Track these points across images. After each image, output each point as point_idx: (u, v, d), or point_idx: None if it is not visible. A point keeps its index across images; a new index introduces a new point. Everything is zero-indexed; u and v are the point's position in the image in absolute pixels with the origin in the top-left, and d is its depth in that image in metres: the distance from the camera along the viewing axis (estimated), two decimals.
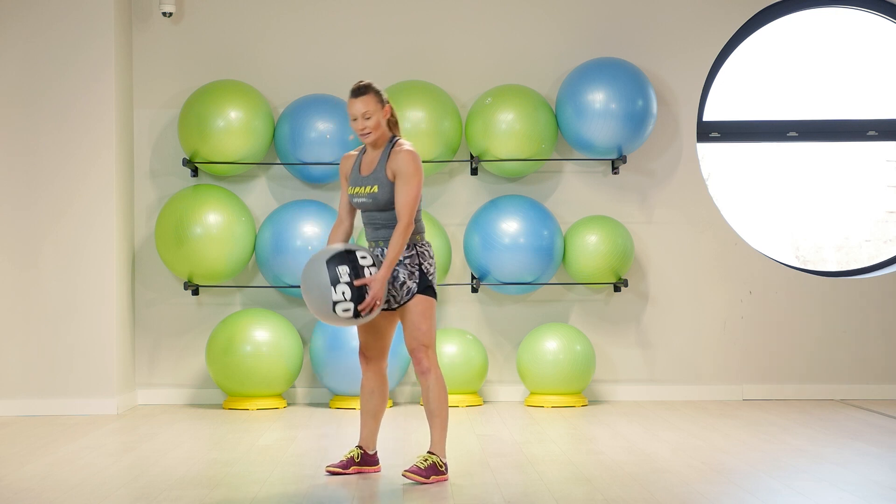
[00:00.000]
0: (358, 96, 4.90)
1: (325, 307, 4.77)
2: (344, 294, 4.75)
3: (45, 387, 7.06)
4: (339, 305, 4.76)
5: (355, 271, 4.77)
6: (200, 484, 4.85)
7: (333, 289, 4.74)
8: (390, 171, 4.90)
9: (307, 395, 7.57)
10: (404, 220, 4.85)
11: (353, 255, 4.81)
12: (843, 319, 7.73)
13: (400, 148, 4.92)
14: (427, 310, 4.92)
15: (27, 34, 7.08)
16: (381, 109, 4.92)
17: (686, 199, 7.70)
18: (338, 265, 4.77)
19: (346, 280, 4.75)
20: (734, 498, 4.58)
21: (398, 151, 4.91)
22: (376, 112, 4.90)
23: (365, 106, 4.89)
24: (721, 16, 7.72)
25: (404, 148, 4.92)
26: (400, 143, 4.95)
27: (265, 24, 7.63)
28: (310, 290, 4.81)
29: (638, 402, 7.55)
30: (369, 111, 4.89)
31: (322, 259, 4.80)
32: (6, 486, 4.83)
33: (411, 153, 4.90)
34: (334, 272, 4.75)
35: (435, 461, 4.88)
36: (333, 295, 4.74)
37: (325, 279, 4.75)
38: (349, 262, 4.78)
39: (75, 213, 7.10)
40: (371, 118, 4.89)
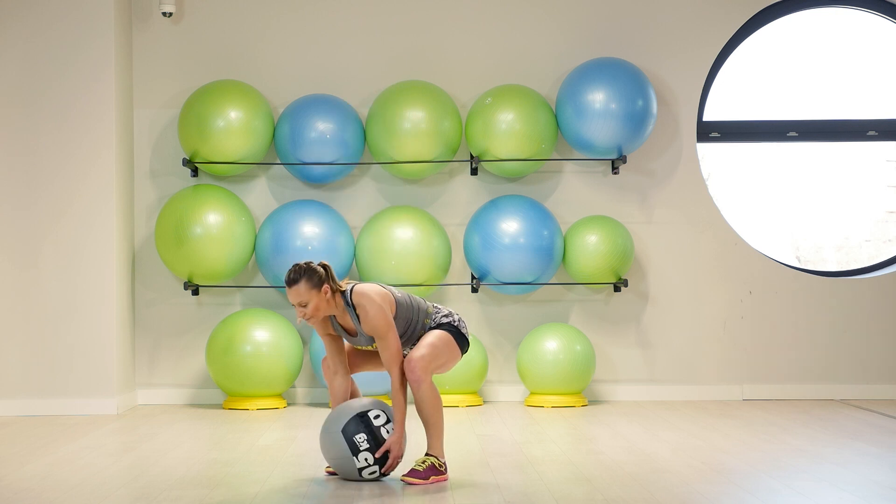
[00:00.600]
0: (290, 287, 4.74)
1: (351, 474, 4.84)
2: (367, 460, 4.81)
3: (45, 387, 7.06)
4: (365, 471, 4.83)
5: (372, 435, 4.81)
6: (200, 484, 4.85)
7: (356, 458, 4.80)
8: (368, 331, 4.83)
9: (307, 395, 7.57)
10: (395, 375, 4.81)
11: (367, 417, 4.83)
12: (843, 319, 7.74)
13: (360, 303, 4.77)
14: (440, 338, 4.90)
15: (27, 34, 7.08)
16: (318, 293, 4.74)
17: (686, 199, 7.70)
18: (354, 434, 4.80)
19: (366, 447, 4.79)
20: (734, 498, 4.58)
21: (365, 314, 4.77)
22: (312, 298, 4.73)
23: (297, 297, 4.73)
24: (721, 16, 7.72)
25: (363, 302, 4.77)
26: (356, 297, 4.79)
27: (265, 24, 7.63)
28: (332, 459, 4.87)
29: (638, 402, 7.55)
30: (303, 300, 4.73)
31: (337, 429, 4.82)
32: (6, 486, 4.83)
33: (371, 303, 4.75)
34: (352, 442, 4.80)
35: (433, 462, 4.88)
36: (357, 463, 4.81)
37: (345, 450, 4.80)
38: (364, 426, 4.81)
39: (75, 213, 7.10)
40: (308, 305, 4.74)
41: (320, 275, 4.76)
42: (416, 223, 7.27)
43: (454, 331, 4.96)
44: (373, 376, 6.84)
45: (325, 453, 4.89)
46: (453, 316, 5.00)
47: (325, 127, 7.25)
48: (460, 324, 4.99)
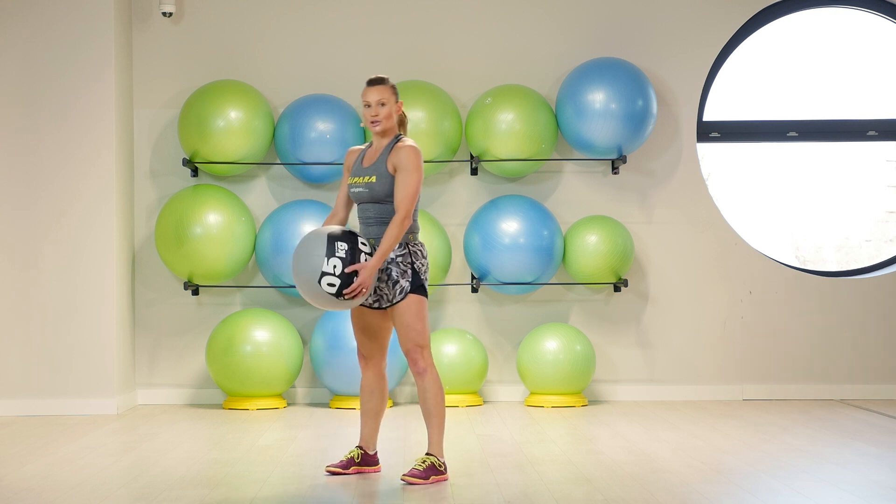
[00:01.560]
0: (375, 85, 5.01)
1: (313, 276, 4.76)
2: (335, 268, 4.75)
3: (45, 387, 7.06)
4: (326, 278, 4.75)
5: (352, 253, 4.79)
6: (200, 484, 4.85)
7: (326, 259, 4.75)
8: (391, 165, 4.94)
9: (307, 395, 7.57)
10: (401, 212, 4.88)
11: (356, 238, 4.84)
12: (843, 319, 7.74)
13: (403, 144, 4.99)
14: (420, 310, 4.94)
15: (27, 34, 7.08)
16: (395, 103, 5.02)
17: (686, 199, 7.70)
18: (337, 240, 4.80)
19: (342, 256, 4.76)
20: (734, 498, 4.58)
21: (401, 147, 4.97)
22: (390, 103, 5.00)
23: (380, 94, 4.98)
24: (721, 16, 7.72)
25: (407, 144, 4.99)
26: (404, 140, 5.02)
27: (265, 24, 7.63)
28: (302, 256, 4.81)
29: (638, 402, 7.55)
30: (384, 99, 4.98)
31: (324, 232, 4.83)
32: (6, 486, 4.84)
33: (414, 149, 4.96)
34: (332, 246, 4.78)
35: (433, 461, 4.88)
36: (324, 265, 4.74)
37: (322, 249, 4.77)
38: (350, 241, 4.81)
39: (75, 213, 7.10)
40: (385, 106, 4.98)
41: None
42: None
43: (424, 291, 4.98)
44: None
45: (299, 250, 4.84)
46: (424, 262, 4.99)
47: (325, 127, 7.25)
48: (426, 276, 5.00)
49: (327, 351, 7.14)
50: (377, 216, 4.97)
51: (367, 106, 5.00)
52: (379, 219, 4.96)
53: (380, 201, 4.96)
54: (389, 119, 5.01)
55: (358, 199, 5.03)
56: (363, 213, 5.02)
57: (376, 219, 4.97)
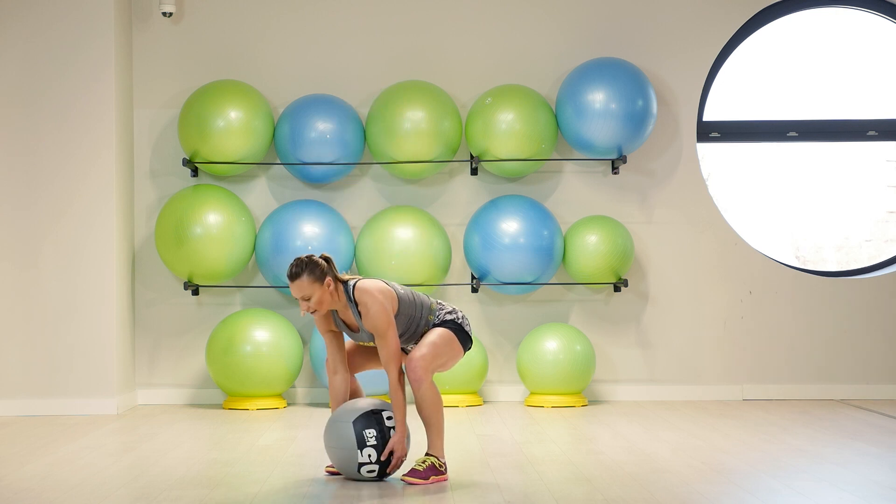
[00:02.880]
0: (293, 281, 4.74)
1: (350, 467, 4.83)
2: (370, 457, 4.80)
3: (45, 387, 7.06)
4: (365, 467, 4.81)
5: (382, 434, 4.81)
6: (200, 484, 4.85)
7: (360, 452, 4.79)
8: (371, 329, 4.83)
9: (307, 395, 7.57)
10: (393, 374, 4.80)
11: (380, 415, 4.84)
12: (843, 319, 7.74)
13: (362, 300, 4.77)
14: (442, 336, 4.88)
15: (27, 34, 7.08)
16: (322, 285, 4.74)
17: (686, 199, 7.70)
18: (364, 428, 4.80)
19: (373, 444, 4.79)
20: (734, 498, 4.58)
21: (363, 305, 4.77)
22: (315, 291, 4.73)
23: (301, 291, 4.73)
24: (721, 16, 7.73)
25: (365, 299, 4.77)
26: (359, 293, 4.78)
27: (265, 24, 7.63)
28: (335, 450, 4.85)
29: (638, 402, 7.55)
30: (307, 293, 4.73)
31: (348, 419, 4.82)
32: (6, 486, 4.83)
33: (374, 301, 4.75)
34: (361, 435, 4.79)
35: (433, 462, 4.88)
36: (359, 458, 4.80)
37: (352, 442, 4.79)
38: (376, 423, 4.81)
39: (75, 213, 7.10)
40: (312, 298, 4.74)
41: (322, 267, 4.76)
42: (416, 223, 7.27)
43: (457, 328, 4.95)
44: (374, 374, 6.84)
45: (329, 443, 4.87)
46: (457, 313, 4.99)
47: (325, 127, 7.25)
48: (463, 321, 4.98)
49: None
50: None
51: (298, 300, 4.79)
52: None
53: None
54: (323, 303, 4.77)
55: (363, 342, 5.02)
56: None
57: None
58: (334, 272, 4.82)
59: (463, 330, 4.96)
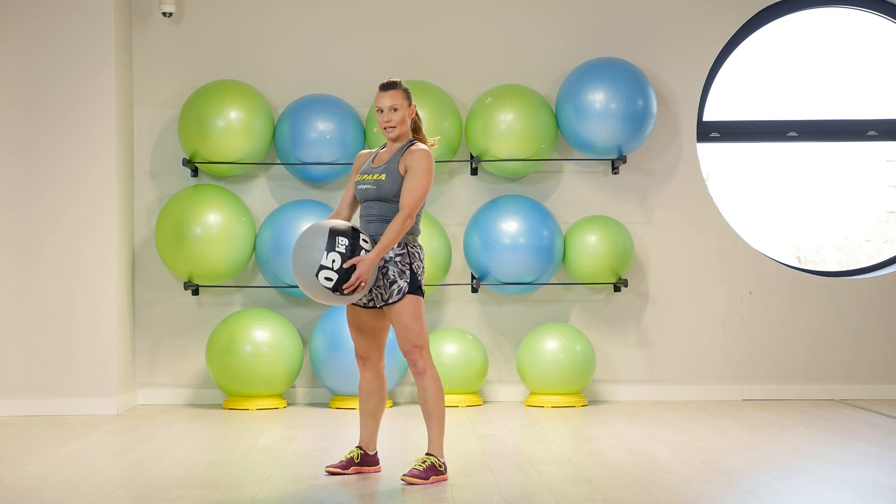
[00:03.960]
0: (387, 90, 4.98)
1: (311, 269, 4.76)
2: (333, 262, 4.74)
3: (45, 387, 7.06)
4: (324, 272, 4.75)
5: (353, 248, 4.78)
6: (200, 484, 4.85)
7: (326, 253, 4.74)
8: (402, 166, 4.95)
9: (307, 395, 7.57)
10: (406, 210, 4.88)
11: (357, 234, 4.84)
12: (843, 319, 7.74)
13: (417, 147, 4.98)
14: (417, 310, 4.94)
15: (27, 34, 7.08)
16: (408, 108, 5.00)
17: (686, 199, 7.70)
18: (338, 235, 4.79)
19: (341, 251, 4.76)
20: (734, 498, 4.58)
21: (414, 150, 4.97)
22: (403, 107, 4.98)
23: (393, 100, 4.96)
24: (721, 16, 7.73)
25: (421, 147, 4.98)
26: (418, 144, 5.01)
27: (265, 24, 7.63)
28: (301, 249, 4.80)
29: (638, 402, 7.55)
30: (397, 104, 4.97)
31: (326, 225, 4.83)
32: (6, 486, 4.84)
33: (427, 153, 4.97)
34: (333, 240, 4.77)
35: (433, 462, 4.88)
36: (323, 259, 4.74)
37: (322, 243, 4.77)
38: (351, 237, 4.80)
39: (75, 213, 7.10)
40: (398, 111, 4.97)
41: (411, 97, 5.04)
42: None
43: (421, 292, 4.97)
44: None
45: (299, 242, 4.84)
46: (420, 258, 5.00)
47: (325, 127, 7.25)
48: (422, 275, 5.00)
49: (327, 351, 7.14)
50: (379, 214, 4.96)
51: (380, 111, 4.98)
52: (381, 217, 4.96)
53: (385, 200, 4.96)
54: (403, 124, 4.99)
55: (363, 197, 5.02)
56: (366, 211, 5.02)
57: (378, 217, 4.96)
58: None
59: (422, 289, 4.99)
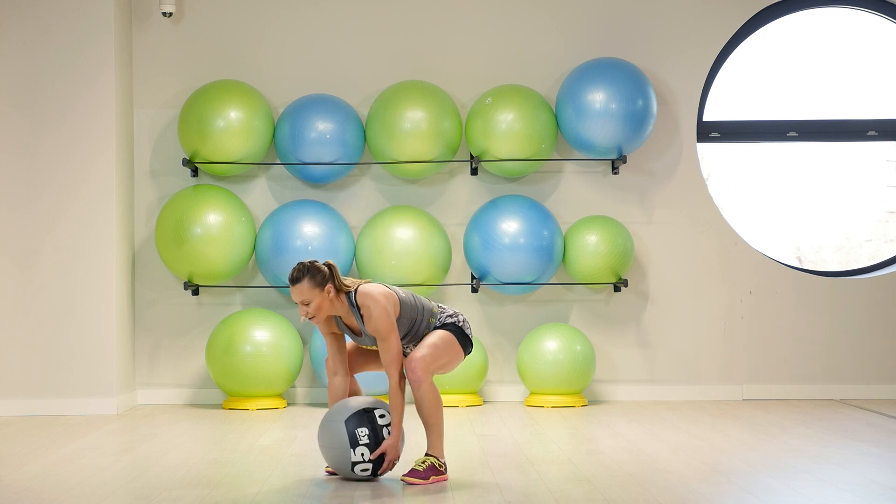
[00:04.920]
0: (293, 285, 4.74)
1: (344, 467, 4.83)
2: (363, 455, 4.80)
3: (45, 387, 7.06)
4: (358, 466, 4.82)
5: (374, 432, 4.81)
6: (200, 484, 4.85)
7: (353, 451, 4.80)
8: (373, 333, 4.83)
9: (307, 395, 7.57)
10: (394, 377, 4.81)
11: (372, 414, 4.84)
12: (843, 319, 7.73)
13: (366, 307, 4.77)
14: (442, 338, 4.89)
15: (27, 34, 7.08)
16: (321, 292, 4.73)
17: (686, 199, 7.70)
18: (357, 427, 4.80)
19: (365, 442, 4.80)
20: (734, 498, 4.58)
21: (369, 314, 4.77)
22: (315, 297, 4.72)
23: (300, 295, 4.73)
24: (721, 16, 7.73)
25: (367, 303, 4.76)
26: (360, 297, 4.79)
27: (265, 24, 7.63)
28: (328, 450, 4.86)
29: (638, 402, 7.55)
30: (306, 299, 4.72)
31: (340, 419, 4.82)
32: (6, 486, 4.83)
33: (377, 305, 4.75)
34: (353, 434, 4.79)
35: (433, 462, 4.88)
36: (352, 457, 4.80)
37: (344, 442, 4.80)
38: (368, 422, 4.82)
39: (75, 213, 7.10)
40: (311, 304, 4.73)
41: (324, 273, 4.75)
42: (416, 223, 7.27)
43: (457, 331, 4.95)
44: (374, 376, 6.84)
45: (322, 442, 4.87)
46: (458, 316, 4.99)
47: (325, 127, 7.25)
48: (464, 324, 4.98)
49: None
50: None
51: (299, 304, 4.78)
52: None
53: None
54: (322, 309, 4.76)
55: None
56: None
57: None
58: (337, 279, 4.80)
59: (463, 333, 4.96)
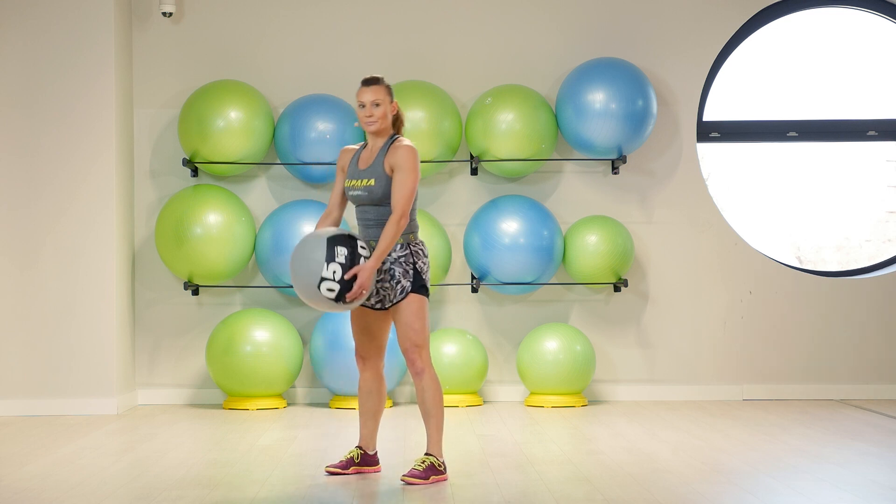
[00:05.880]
0: (370, 85, 4.98)
1: (312, 281, 4.74)
2: (334, 273, 4.73)
3: (45, 387, 7.06)
4: (325, 283, 4.73)
5: (352, 257, 4.77)
6: (200, 484, 4.85)
7: (326, 265, 4.73)
8: (388, 165, 4.93)
9: (307, 395, 7.57)
10: (398, 211, 4.86)
11: (355, 241, 4.82)
12: (843, 319, 7.73)
13: (400, 143, 4.97)
14: (420, 309, 4.93)
15: (27, 34, 7.08)
16: (390, 104, 5.00)
17: (686, 199, 7.70)
18: (337, 245, 4.77)
19: (341, 261, 4.74)
20: (734, 498, 4.58)
21: (398, 147, 4.96)
22: (385, 103, 4.99)
23: (375, 95, 4.97)
24: (721, 16, 7.73)
25: (404, 143, 4.97)
26: (400, 139, 5.01)
27: (265, 24, 7.63)
28: (300, 261, 4.78)
29: (638, 402, 7.55)
30: (379, 99, 4.97)
31: (323, 235, 4.80)
32: (6, 486, 4.84)
33: (411, 149, 4.95)
34: (332, 250, 4.75)
35: (433, 462, 4.88)
36: (324, 270, 4.72)
37: (321, 254, 4.74)
38: (349, 246, 4.79)
39: (75, 213, 7.10)
40: (379, 106, 4.97)
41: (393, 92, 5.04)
42: None
43: (426, 291, 4.98)
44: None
45: (297, 254, 4.82)
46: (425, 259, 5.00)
47: (325, 127, 7.25)
48: (426, 272, 4.99)
49: (327, 351, 7.14)
50: (377, 218, 4.96)
51: (362, 106, 4.98)
52: (378, 221, 4.95)
53: (379, 203, 4.95)
54: (385, 119, 4.99)
55: (356, 202, 5.01)
56: (362, 216, 5.01)
57: (376, 221, 4.96)
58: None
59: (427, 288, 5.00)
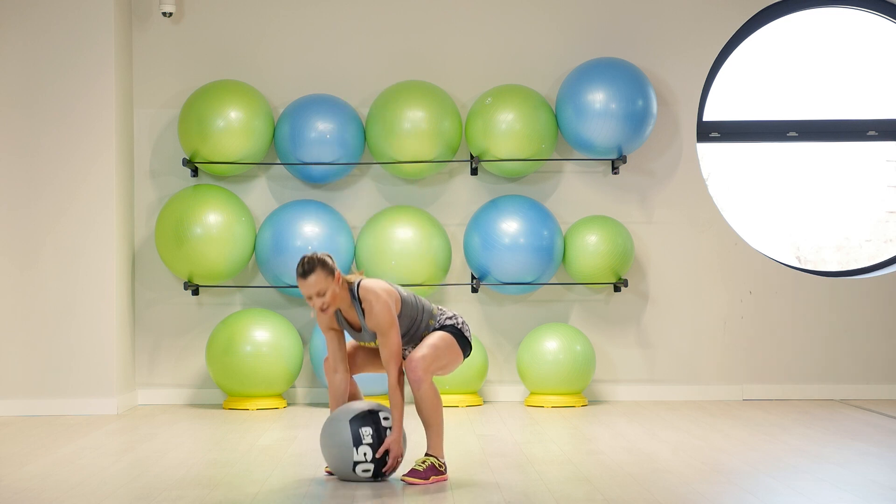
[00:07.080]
0: (306, 277, 4.67)
1: (346, 467, 4.83)
2: (365, 455, 4.80)
3: (45, 387, 7.06)
4: (360, 466, 4.81)
5: (378, 433, 4.82)
6: (200, 484, 4.85)
7: (356, 450, 4.80)
8: (373, 328, 4.81)
9: (307, 395, 7.57)
10: (393, 373, 4.80)
11: (377, 415, 4.85)
12: (843, 319, 7.73)
13: (368, 302, 4.74)
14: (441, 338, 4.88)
15: (27, 34, 7.08)
16: (333, 280, 4.69)
17: (686, 199, 7.70)
18: (361, 426, 4.81)
19: (369, 441, 4.80)
20: (734, 498, 4.58)
21: (370, 309, 4.74)
22: (329, 286, 4.68)
23: (315, 287, 4.67)
24: (721, 16, 7.73)
25: (370, 298, 4.74)
26: (365, 292, 4.76)
27: (265, 24, 7.63)
28: (329, 448, 4.86)
29: (638, 402, 7.55)
30: (322, 289, 4.67)
31: (345, 418, 4.83)
32: (6, 486, 4.83)
33: (379, 300, 4.73)
34: (357, 432, 4.80)
35: (433, 462, 4.88)
36: (355, 455, 4.80)
37: (348, 440, 4.80)
38: (372, 423, 4.83)
39: (75, 213, 7.10)
40: (326, 293, 4.69)
41: (331, 263, 4.73)
42: (416, 223, 7.27)
43: (457, 333, 4.96)
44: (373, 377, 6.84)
45: (325, 441, 4.87)
46: (457, 318, 4.99)
47: (325, 127, 7.25)
48: (463, 326, 4.99)
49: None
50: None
51: (309, 298, 4.71)
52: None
53: None
54: (335, 298, 4.72)
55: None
56: None
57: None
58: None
59: (463, 335, 4.97)
